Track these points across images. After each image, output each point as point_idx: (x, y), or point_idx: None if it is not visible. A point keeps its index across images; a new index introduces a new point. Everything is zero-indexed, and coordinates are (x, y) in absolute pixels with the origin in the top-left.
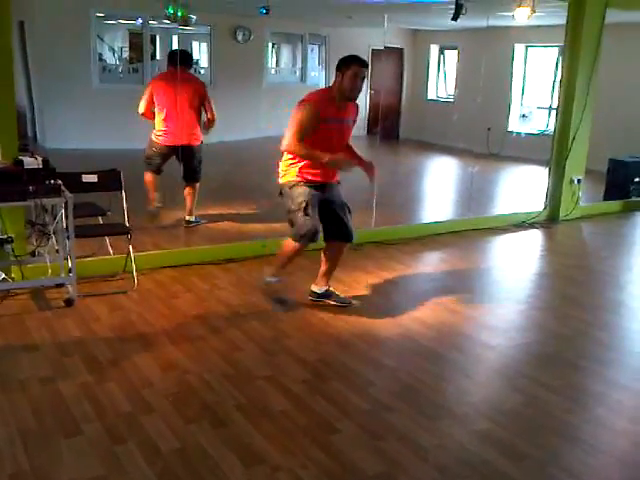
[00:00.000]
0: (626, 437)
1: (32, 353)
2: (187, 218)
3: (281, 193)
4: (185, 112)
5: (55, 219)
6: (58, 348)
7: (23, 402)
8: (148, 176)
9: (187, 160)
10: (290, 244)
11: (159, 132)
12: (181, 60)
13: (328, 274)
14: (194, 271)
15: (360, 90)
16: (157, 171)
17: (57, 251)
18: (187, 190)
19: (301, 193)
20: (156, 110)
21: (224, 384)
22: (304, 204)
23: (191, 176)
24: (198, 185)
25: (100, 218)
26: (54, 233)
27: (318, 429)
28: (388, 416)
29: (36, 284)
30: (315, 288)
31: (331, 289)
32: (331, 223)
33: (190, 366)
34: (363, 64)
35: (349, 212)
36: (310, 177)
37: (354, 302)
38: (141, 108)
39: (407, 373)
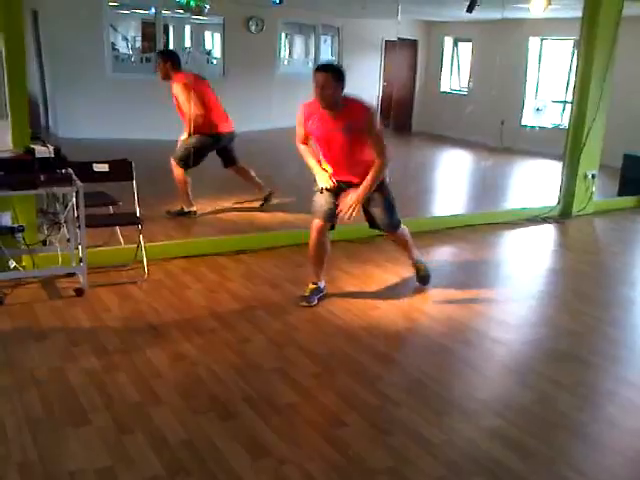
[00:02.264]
0: (636, 435)
1: (42, 342)
2: (265, 193)
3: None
4: (219, 103)
5: (66, 208)
6: (68, 337)
7: (32, 391)
8: (180, 172)
9: (230, 144)
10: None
11: (207, 124)
12: (179, 61)
13: (409, 252)
14: (204, 262)
15: (324, 97)
16: (189, 166)
17: (68, 240)
18: (236, 170)
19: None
20: (198, 107)
21: (232, 376)
22: (320, 188)
23: (235, 158)
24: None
25: (111, 208)
26: (65, 222)
27: (326, 423)
28: (396, 411)
29: (47, 273)
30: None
31: (421, 262)
32: (370, 217)
33: (199, 357)
34: (316, 69)
35: (383, 205)
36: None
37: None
38: (198, 109)
39: (416, 368)
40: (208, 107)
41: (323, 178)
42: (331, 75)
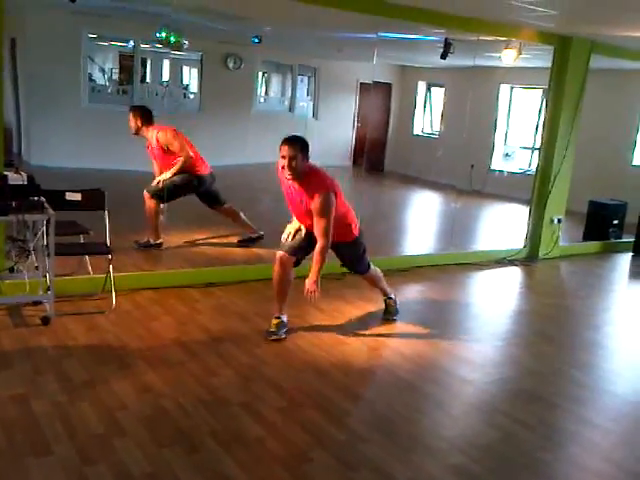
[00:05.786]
0: (598, 477)
1: (6, 370)
2: (254, 235)
3: None
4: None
5: (36, 236)
6: (32, 366)
7: None
8: (153, 204)
9: (212, 186)
10: None
11: (196, 165)
12: (151, 118)
13: (380, 289)
14: (174, 294)
15: (291, 169)
16: (164, 201)
17: (36, 268)
18: (224, 211)
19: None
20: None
21: (199, 409)
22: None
23: (217, 198)
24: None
25: (81, 237)
26: (34, 250)
27: (292, 458)
28: (363, 447)
29: (13, 301)
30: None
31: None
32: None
33: (165, 390)
34: (284, 141)
35: (355, 255)
36: None
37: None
38: (190, 152)
39: (383, 404)
40: (189, 150)
41: (290, 230)
42: (299, 146)
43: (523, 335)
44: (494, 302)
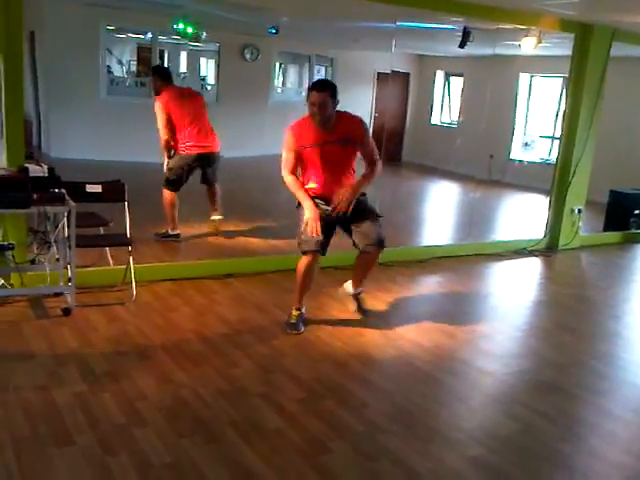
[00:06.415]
0: (618, 469)
1: (28, 361)
2: (212, 217)
3: (299, 204)
4: (204, 122)
5: (57, 228)
6: (54, 357)
7: (17, 410)
8: (169, 195)
9: (210, 165)
10: (300, 262)
11: (186, 144)
12: (168, 76)
13: (357, 279)
14: (193, 285)
15: (318, 115)
16: (178, 188)
17: (57, 260)
18: (208, 190)
19: (309, 212)
20: (177, 127)
21: (218, 400)
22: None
23: (211, 179)
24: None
25: (101, 228)
26: (55, 242)
27: (311, 449)
28: (382, 438)
29: (35, 292)
30: (349, 287)
31: (360, 295)
32: (351, 233)
33: (185, 380)
34: (314, 88)
35: (373, 219)
36: (316, 195)
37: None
38: (165, 134)
39: (402, 395)
40: (188, 126)
41: (312, 213)
42: (329, 93)
43: (542, 326)
44: (513, 293)
